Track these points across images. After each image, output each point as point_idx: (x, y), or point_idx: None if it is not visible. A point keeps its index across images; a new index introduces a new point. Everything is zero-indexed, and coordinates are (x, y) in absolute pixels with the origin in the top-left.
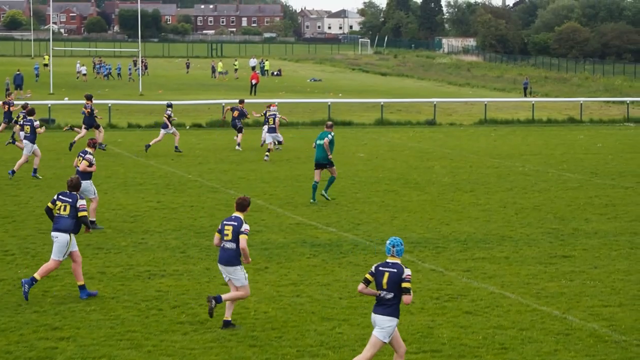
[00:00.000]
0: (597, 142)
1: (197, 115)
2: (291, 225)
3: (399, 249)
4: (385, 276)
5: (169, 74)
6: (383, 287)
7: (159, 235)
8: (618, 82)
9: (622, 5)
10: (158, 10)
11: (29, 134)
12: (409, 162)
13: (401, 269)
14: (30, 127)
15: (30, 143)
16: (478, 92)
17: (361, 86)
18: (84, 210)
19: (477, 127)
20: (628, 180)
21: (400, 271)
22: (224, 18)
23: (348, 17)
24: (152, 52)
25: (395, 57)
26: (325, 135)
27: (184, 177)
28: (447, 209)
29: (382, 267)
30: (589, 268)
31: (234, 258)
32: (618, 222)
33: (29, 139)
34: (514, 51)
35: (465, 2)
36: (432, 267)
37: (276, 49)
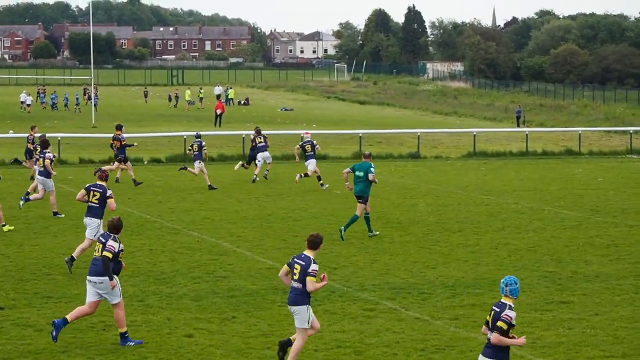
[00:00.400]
0: (597, 176)
1: (156, 149)
2: (261, 270)
3: (512, 288)
4: (491, 316)
5: (124, 104)
6: (490, 328)
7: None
8: (620, 110)
9: (623, 25)
10: (112, 34)
11: (42, 168)
12: (390, 200)
13: (503, 308)
14: (43, 161)
15: (45, 177)
16: (466, 122)
17: (337, 116)
18: (109, 251)
19: (466, 161)
20: (631, 218)
21: (502, 310)
22: (185, 42)
23: (322, 40)
24: (106, 79)
25: (375, 83)
26: (366, 168)
27: (142, 217)
28: (432, 250)
29: (494, 307)
30: (590, 315)
31: (300, 297)
32: (621, 264)
33: (42, 174)
34: (506, 76)
35: (451, 23)
36: (417, 315)
37: (243, 76)
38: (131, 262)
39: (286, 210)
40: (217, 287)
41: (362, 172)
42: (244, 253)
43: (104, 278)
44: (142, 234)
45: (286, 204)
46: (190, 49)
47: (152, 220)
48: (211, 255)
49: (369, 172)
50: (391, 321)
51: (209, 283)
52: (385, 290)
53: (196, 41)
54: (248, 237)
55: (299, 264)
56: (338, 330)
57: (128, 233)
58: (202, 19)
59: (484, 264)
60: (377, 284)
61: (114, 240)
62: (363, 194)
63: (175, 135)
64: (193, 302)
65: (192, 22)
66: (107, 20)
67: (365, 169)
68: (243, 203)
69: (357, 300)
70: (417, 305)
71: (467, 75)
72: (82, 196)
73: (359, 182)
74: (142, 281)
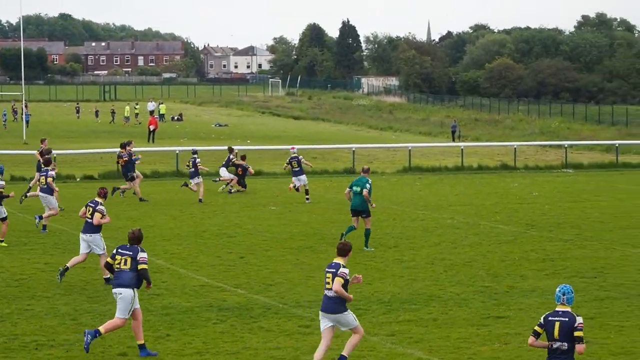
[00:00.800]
0: (533, 191)
1: (88, 166)
2: (195, 287)
3: (569, 297)
4: (557, 326)
5: (56, 120)
6: (555, 338)
7: (47, 300)
8: (555, 124)
9: (558, 39)
10: (44, 49)
11: (44, 185)
12: (325, 216)
13: (573, 318)
14: (45, 178)
15: (48, 195)
16: (401, 137)
17: (272, 131)
18: (144, 262)
19: (401, 176)
20: (567, 232)
21: (573, 320)
22: (117, 57)
23: (256, 55)
24: (37, 95)
25: (310, 98)
26: (362, 183)
27: (74, 235)
28: (368, 266)
29: (552, 317)
30: (526, 330)
31: (339, 305)
32: (557, 278)
33: (45, 191)
34: (441, 91)
35: (386, 37)
36: None
37: (177, 91)
38: (64, 280)
39: (220, 227)
40: (150, 305)
41: (359, 187)
42: (178, 270)
43: (125, 290)
44: (75, 251)
45: (220, 221)
46: (122, 64)
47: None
48: None
49: (364, 187)
50: None
51: (143, 301)
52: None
53: (129, 56)
54: (182, 254)
55: (330, 272)
56: (273, 347)
57: (60, 251)
58: (134, 34)
59: (420, 280)
60: (312, 301)
61: (143, 251)
62: (361, 207)
63: (108, 152)
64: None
65: (124, 37)
66: (38, 35)
67: (362, 184)
68: (177, 220)
69: (293, 316)
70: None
71: (402, 90)
72: (83, 213)
73: (356, 196)
74: (74, 299)
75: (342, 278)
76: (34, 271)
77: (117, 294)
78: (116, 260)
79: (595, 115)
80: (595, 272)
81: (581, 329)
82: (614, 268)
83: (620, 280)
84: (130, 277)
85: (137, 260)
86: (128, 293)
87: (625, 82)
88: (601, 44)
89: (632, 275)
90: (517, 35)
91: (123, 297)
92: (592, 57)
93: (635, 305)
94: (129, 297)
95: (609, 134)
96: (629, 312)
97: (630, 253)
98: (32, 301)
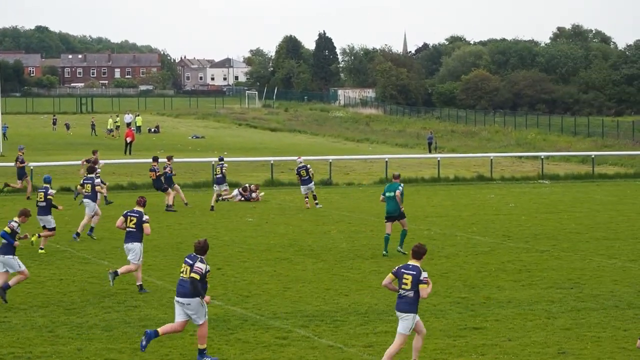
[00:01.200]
0: (509, 202)
1: (66, 178)
2: (172, 299)
3: None
4: None
5: (33, 132)
6: None
7: (24, 312)
8: (531, 136)
9: (534, 50)
10: (20, 62)
11: (89, 192)
12: (302, 227)
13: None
14: (90, 186)
15: (92, 202)
16: (378, 149)
17: (249, 143)
18: (196, 272)
19: (378, 187)
20: (543, 243)
21: None
22: (94, 69)
23: (233, 67)
24: (14, 107)
25: (286, 110)
26: (395, 188)
27: (51, 247)
28: (345, 278)
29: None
30: (502, 341)
31: (411, 306)
32: (533, 289)
33: (90, 198)
34: (417, 103)
35: (362, 49)
36: (330, 342)
37: (153, 103)
38: (40, 292)
39: (197, 238)
40: (128, 317)
41: (392, 192)
42: (155, 282)
43: (191, 299)
44: (52, 263)
45: (197, 232)
46: (99, 77)
47: (62, 249)
48: (122, 285)
49: (397, 189)
50: (304, 349)
51: (120, 313)
52: (298, 318)
53: (105, 69)
54: (159, 265)
55: (409, 274)
56: (251, 359)
57: (37, 263)
58: (111, 46)
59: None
60: (289, 312)
61: (202, 262)
62: (395, 212)
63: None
64: (104, 332)
65: (101, 49)
66: (15, 47)
67: (394, 189)
68: (154, 231)
69: (270, 328)
70: (330, 332)
71: (379, 102)
72: (122, 223)
73: (390, 201)
74: (51, 311)
75: (426, 283)
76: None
77: (183, 304)
78: (181, 269)
79: (571, 126)
80: (572, 283)
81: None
82: (590, 279)
83: (596, 291)
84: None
85: (193, 269)
86: (196, 302)
87: (600, 93)
88: (577, 55)
89: (608, 286)
90: (493, 46)
91: (190, 307)
92: (567, 68)
93: (611, 316)
94: (197, 305)
95: (585, 145)
96: (605, 323)
97: (606, 264)
98: (9, 313)
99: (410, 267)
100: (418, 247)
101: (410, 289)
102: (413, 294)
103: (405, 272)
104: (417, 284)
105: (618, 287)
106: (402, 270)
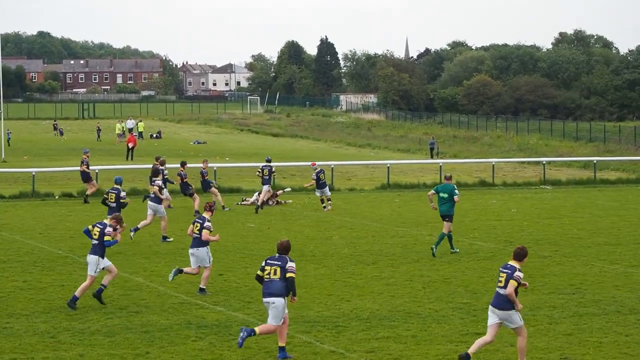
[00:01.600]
0: (511, 207)
1: (68, 184)
2: (174, 305)
3: None
4: None
5: (35, 138)
6: None
7: (26, 318)
8: (533, 141)
9: (536, 56)
10: (22, 67)
11: (154, 194)
12: (304, 233)
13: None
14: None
15: (156, 204)
16: (380, 154)
17: (250, 149)
18: (292, 272)
19: (380, 193)
20: (545, 248)
21: None
22: (96, 74)
23: (235, 72)
24: (16, 113)
25: (288, 115)
26: (448, 189)
27: (53, 253)
28: (347, 283)
29: None
30: (505, 346)
31: (507, 303)
32: (535, 294)
33: (154, 201)
34: (419, 108)
35: (364, 55)
36: (332, 348)
37: (155, 109)
38: (42, 298)
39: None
40: (130, 323)
41: (446, 193)
42: (157, 288)
43: (276, 299)
44: (53, 269)
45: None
46: (101, 82)
47: (63, 255)
48: (124, 290)
49: (453, 193)
50: (306, 355)
51: (122, 318)
52: (299, 323)
53: (107, 74)
54: (161, 271)
55: (504, 272)
56: None
57: (39, 269)
58: (113, 52)
59: (399, 296)
60: (291, 318)
61: (292, 260)
62: (448, 213)
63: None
64: (106, 337)
65: (103, 54)
66: (17, 53)
67: (449, 191)
68: (156, 237)
69: (272, 334)
70: (332, 338)
71: (381, 107)
72: (190, 231)
73: (444, 203)
74: (53, 317)
75: (516, 281)
76: (12, 289)
77: (270, 303)
78: (265, 271)
79: (573, 131)
80: (574, 289)
81: None
82: (592, 284)
83: (598, 297)
84: (280, 286)
85: (285, 269)
86: (280, 302)
87: (602, 98)
88: (579, 60)
89: (610, 292)
90: (495, 52)
91: (276, 305)
92: (569, 73)
93: (613, 322)
94: (281, 305)
95: (587, 151)
96: (607, 328)
97: (608, 269)
98: (11, 319)
99: (508, 267)
100: (520, 249)
101: (504, 286)
102: None
103: (502, 270)
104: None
105: (620, 293)
106: (501, 269)
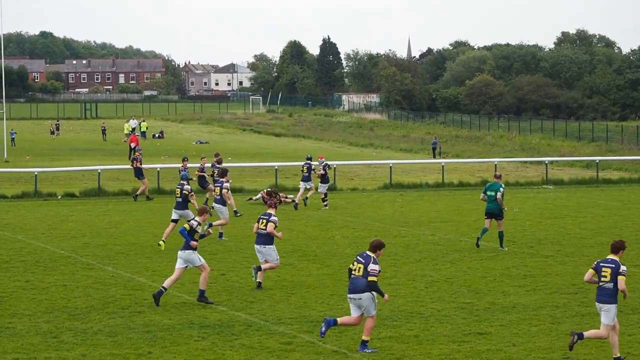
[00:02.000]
0: (514, 207)
1: (70, 184)
2: (177, 304)
3: None
4: None
5: (37, 138)
6: None
7: (28, 318)
8: (535, 141)
9: (538, 55)
10: (24, 67)
11: (219, 196)
12: (306, 232)
13: None
14: (220, 189)
15: (221, 205)
16: (382, 154)
17: (253, 148)
18: (373, 275)
19: (382, 192)
20: (548, 248)
21: None
22: (98, 74)
23: (237, 72)
24: (18, 113)
25: (291, 115)
26: (496, 187)
27: (55, 252)
28: None
29: None
30: (507, 346)
31: (609, 297)
32: (538, 294)
33: (219, 202)
34: (421, 108)
35: (366, 54)
36: (335, 348)
37: (158, 108)
38: (45, 298)
39: (201, 244)
40: (132, 323)
41: (493, 191)
42: (159, 288)
43: (362, 294)
44: (56, 269)
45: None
46: (103, 82)
47: (66, 255)
48: (126, 290)
49: (498, 191)
50: (309, 355)
51: (124, 318)
52: (302, 323)
53: (110, 74)
54: (163, 271)
55: (607, 267)
56: None
57: (41, 269)
58: (115, 52)
59: (401, 296)
60: (294, 318)
61: (375, 262)
62: (495, 211)
63: (89, 170)
64: (108, 337)
65: (105, 54)
66: (19, 53)
67: (496, 189)
68: (158, 237)
69: (274, 334)
70: (335, 338)
71: (383, 107)
72: (256, 228)
73: (491, 201)
74: (56, 317)
75: (624, 276)
76: (14, 289)
77: (354, 299)
78: (354, 267)
79: (575, 131)
80: (576, 288)
81: None
82: (594, 284)
83: None
84: (363, 283)
85: (367, 271)
86: (366, 296)
87: (605, 98)
88: (581, 60)
89: None
90: (497, 51)
91: (362, 301)
92: (572, 73)
93: None
94: (369, 300)
95: (589, 150)
96: None
97: None
98: (14, 319)
99: (609, 261)
100: (616, 242)
101: (610, 280)
102: (612, 286)
103: (604, 265)
104: (616, 276)
105: None
106: (601, 264)
